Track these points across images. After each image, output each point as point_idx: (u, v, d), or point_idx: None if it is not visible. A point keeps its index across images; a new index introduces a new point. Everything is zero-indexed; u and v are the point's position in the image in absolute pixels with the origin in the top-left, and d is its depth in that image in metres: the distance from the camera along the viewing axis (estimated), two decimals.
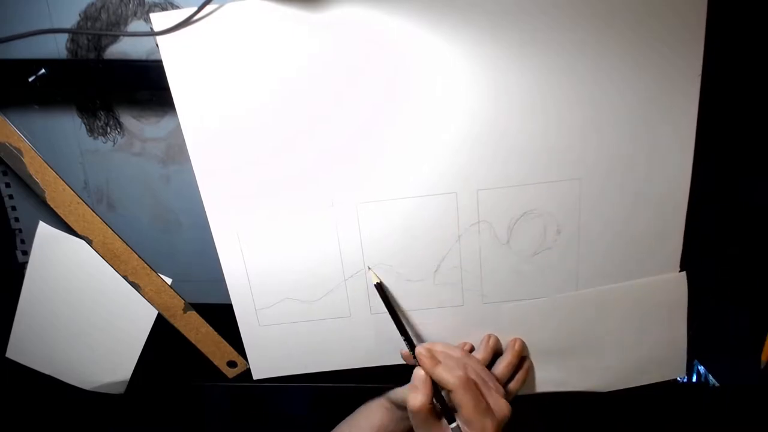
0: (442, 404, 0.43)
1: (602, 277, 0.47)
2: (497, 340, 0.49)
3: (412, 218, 0.46)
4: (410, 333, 0.48)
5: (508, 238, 0.46)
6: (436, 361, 0.43)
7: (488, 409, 0.42)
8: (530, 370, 0.50)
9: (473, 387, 0.42)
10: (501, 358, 0.48)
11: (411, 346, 0.45)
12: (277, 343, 0.51)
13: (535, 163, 0.44)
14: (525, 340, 0.49)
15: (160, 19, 0.41)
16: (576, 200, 0.45)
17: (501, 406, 0.42)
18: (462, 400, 0.41)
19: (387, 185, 0.45)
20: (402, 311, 0.49)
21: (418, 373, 0.44)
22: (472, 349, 0.49)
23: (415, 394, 0.43)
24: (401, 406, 0.50)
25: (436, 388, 0.43)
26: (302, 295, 0.49)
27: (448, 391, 0.42)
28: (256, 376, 0.53)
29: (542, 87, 0.42)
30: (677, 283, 0.47)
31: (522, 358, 0.49)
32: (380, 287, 0.47)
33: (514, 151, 0.43)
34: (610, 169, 0.44)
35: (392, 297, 0.48)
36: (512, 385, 0.48)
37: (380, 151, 0.44)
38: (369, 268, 0.47)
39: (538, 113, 0.42)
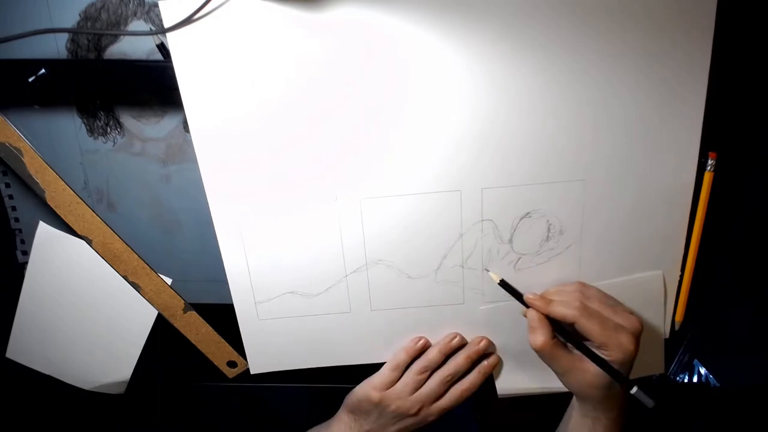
0: (566, 337, 0.44)
1: (604, 277, 0.47)
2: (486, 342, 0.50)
3: (416, 215, 0.46)
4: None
5: (510, 237, 0.46)
6: (547, 301, 0.44)
7: (618, 326, 0.42)
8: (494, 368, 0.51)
9: (594, 312, 0.42)
10: (460, 351, 0.49)
11: (519, 296, 0.46)
12: (276, 338, 0.51)
13: (540, 163, 0.44)
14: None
15: (169, 7, 0.40)
16: (579, 201, 0.45)
17: (631, 320, 0.43)
18: (587, 326, 0.41)
19: (392, 181, 0.45)
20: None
21: (531, 313, 0.44)
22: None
23: (533, 335, 0.44)
24: (365, 410, 0.49)
25: (556, 324, 0.44)
26: (303, 289, 0.49)
27: (571, 324, 0.42)
28: (253, 370, 0.53)
29: (550, 88, 0.42)
30: (654, 281, 0.47)
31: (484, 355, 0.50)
32: (504, 283, 0.47)
33: (520, 150, 0.43)
34: (614, 171, 0.44)
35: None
36: (465, 385, 0.49)
37: (386, 147, 0.44)
38: (487, 270, 0.47)
39: (545, 114, 0.42)
